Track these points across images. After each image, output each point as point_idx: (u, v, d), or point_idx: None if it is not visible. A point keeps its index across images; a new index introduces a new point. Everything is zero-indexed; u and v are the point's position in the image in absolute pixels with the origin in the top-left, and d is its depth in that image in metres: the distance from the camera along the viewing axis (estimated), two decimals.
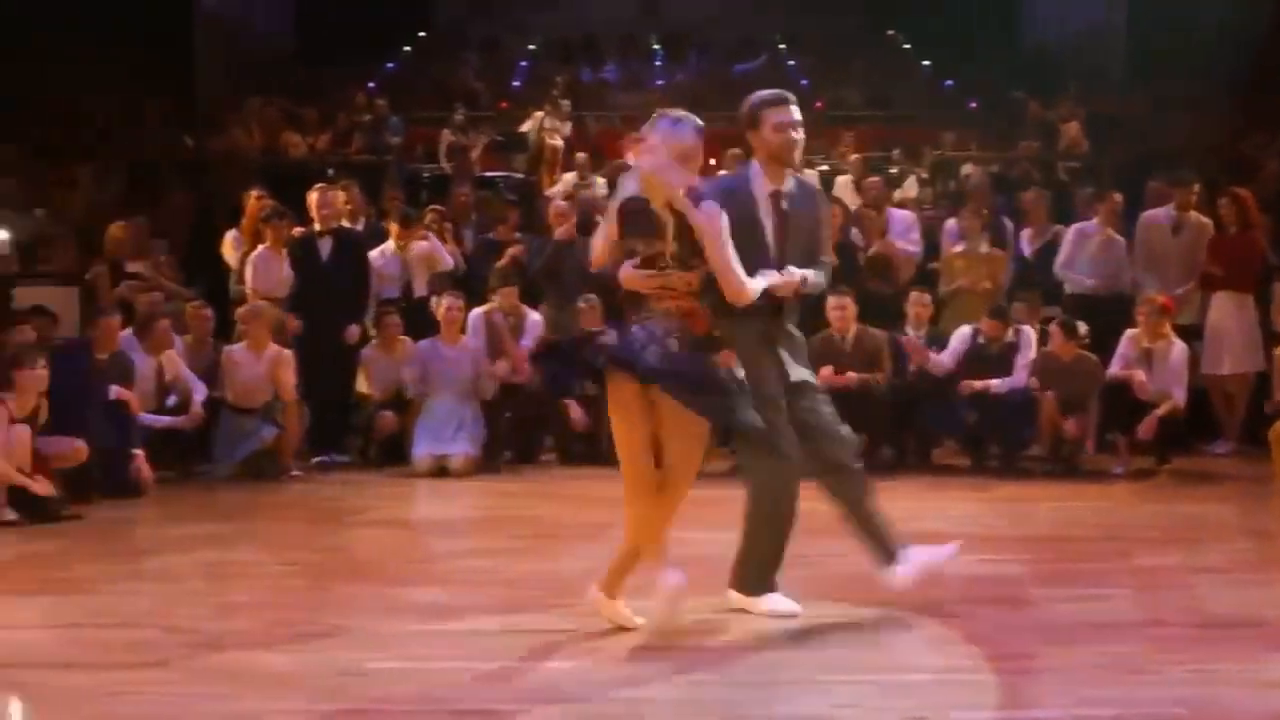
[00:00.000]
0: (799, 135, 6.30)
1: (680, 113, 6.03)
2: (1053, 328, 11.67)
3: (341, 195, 12.79)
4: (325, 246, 12.26)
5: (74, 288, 12.39)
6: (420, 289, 12.82)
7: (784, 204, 6.30)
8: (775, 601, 6.36)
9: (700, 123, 5.95)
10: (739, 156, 17.67)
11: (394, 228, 12.99)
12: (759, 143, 6.32)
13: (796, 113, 6.32)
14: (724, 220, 5.80)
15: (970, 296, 12.52)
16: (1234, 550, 8.12)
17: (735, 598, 6.45)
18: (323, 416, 11.94)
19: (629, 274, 5.97)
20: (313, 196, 12.35)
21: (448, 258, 13.08)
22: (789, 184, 6.35)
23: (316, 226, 12.33)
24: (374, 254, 12.77)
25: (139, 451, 10.47)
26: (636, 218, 5.93)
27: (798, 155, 6.37)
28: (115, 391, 10.42)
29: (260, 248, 12.28)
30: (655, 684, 5.38)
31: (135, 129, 18.47)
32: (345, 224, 12.74)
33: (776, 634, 6.05)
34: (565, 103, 19.83)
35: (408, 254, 12.92)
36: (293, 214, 12.65)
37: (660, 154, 5.87)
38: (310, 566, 7.83)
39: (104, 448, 10.20)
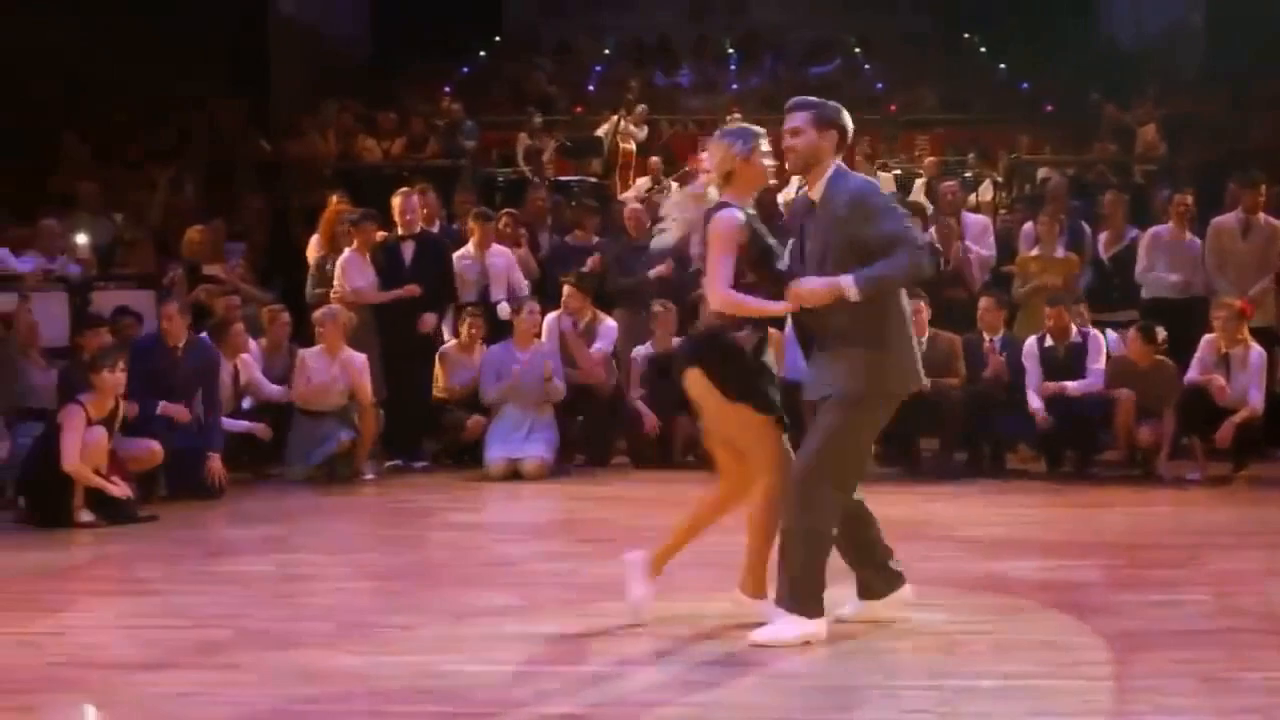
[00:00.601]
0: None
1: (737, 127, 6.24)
2: (1131, 333, 11.59)
3: (421, 199, 12.84)
4: (408, 250, 12.33)
5: (152, 291, 12.49)
6: (497, 294, 12.82)
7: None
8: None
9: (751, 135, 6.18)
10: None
11: (474, 231, 13.01)
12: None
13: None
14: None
15: (1045, 300, 12.40)
16: None
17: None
18: (402, 421, 11.99)
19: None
20: (396, 201, 12.42)
21: (523, 280, 13.06)
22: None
23: (400, 231, 12.39)
24: (455, 256, 12.82)
25: (215, 453, 10.56)
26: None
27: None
28: (162, 407, 10.44)
29: (348, 251, 12.31)
30: (724, 688, 5.39)
31: (212, 133, 18.64)
32: (425, 228, 12.79)
33: (842, 638, 6.04)
34: (641, 107, 19.86)
35: (487, 259, 12.93)
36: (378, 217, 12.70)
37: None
38: (382, 569, 7.89)
39: (181, 449, 10.32)
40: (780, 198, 13.91)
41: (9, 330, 11.16)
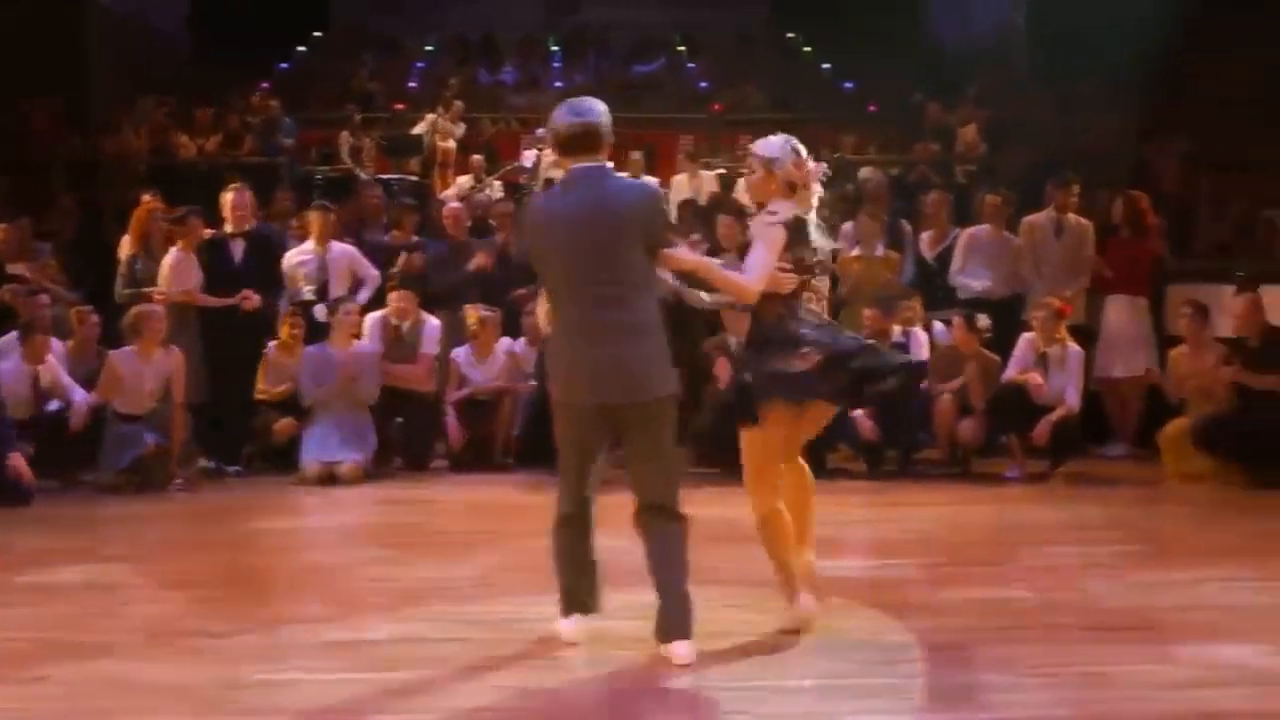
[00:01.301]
0: None
1: None
2: (955, 320, 11.75)
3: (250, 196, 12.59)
4: (238, 248, 12.11)
5: None
6: (337, 291, 12.63)
7: None
8: None
9: None
10: (639, 162, 17.74)
11: (314, 225, 12.82)
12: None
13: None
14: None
15: (866, 300, 12.53)
16: (1126, 552, 8.19)
17: None
18: (225, 423, 11.79)
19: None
20: (228, 197, 12.16)
21: (373, 269, 12.91)
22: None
23: (229, 228, 12.16)
24: (292, 253, 12.65)
25: (15, 453, 10.29)
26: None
27: None
28: None
29: (174, 250, 12.04)
30: (537, 693, 5.37)
31: (23, 129, 18.21)
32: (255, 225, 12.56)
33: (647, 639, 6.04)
34: (458, 103, 19.75)
35: (327, 255, 12.76)
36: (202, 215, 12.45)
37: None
38: (194, 577, 7.74)
39: None
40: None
41: None
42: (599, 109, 6.15)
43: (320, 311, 12.25)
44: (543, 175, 17.27)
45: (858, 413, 11.35)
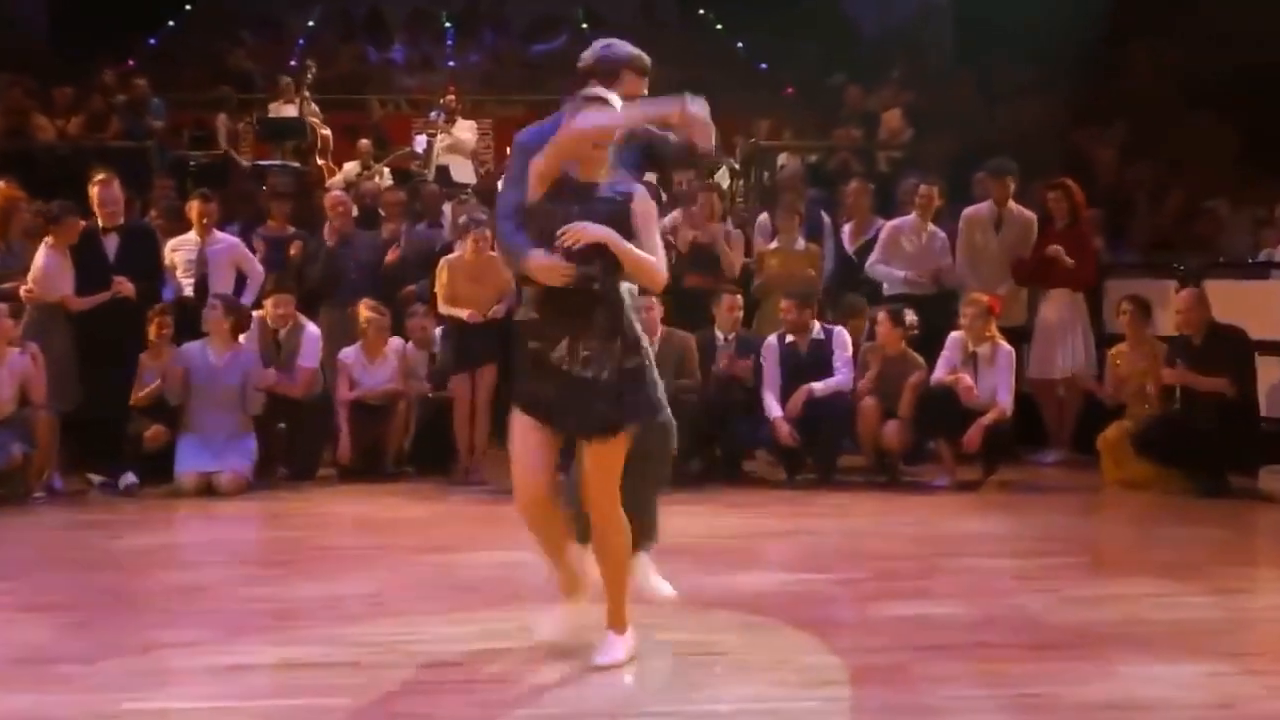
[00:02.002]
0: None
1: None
2: (880, 316, 11.81)
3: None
4: (111, 244, 11.81)
5: None
6: (220, 286, 12.48)
7: None
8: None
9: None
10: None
11: (196, 214, 12.69)
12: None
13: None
14: None
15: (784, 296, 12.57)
16: (1064, 565, 8.27)
17: None
18: (102, 431, 11.58)
19: None
20: (95, 190, 11.83)
21: (257, 265, 12.80)
22: None
23: (101, 222, 11.85)
24: (171, 244, 12.51)
25: None
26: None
27: None
28: None
29: (45, 249, 11.56)
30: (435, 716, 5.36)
31: None
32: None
33: (565, 660, 6.03)
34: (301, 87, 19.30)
35: (208, 248, 12.64)
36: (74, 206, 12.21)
37: None
38: (58, 598, 7.64)
39: None
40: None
41: None
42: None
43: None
44: (435, 162, 17.24)
45: (775, 416, 11.40)
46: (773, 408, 11.52)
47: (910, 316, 11.82)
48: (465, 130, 18.08)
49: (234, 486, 11.16)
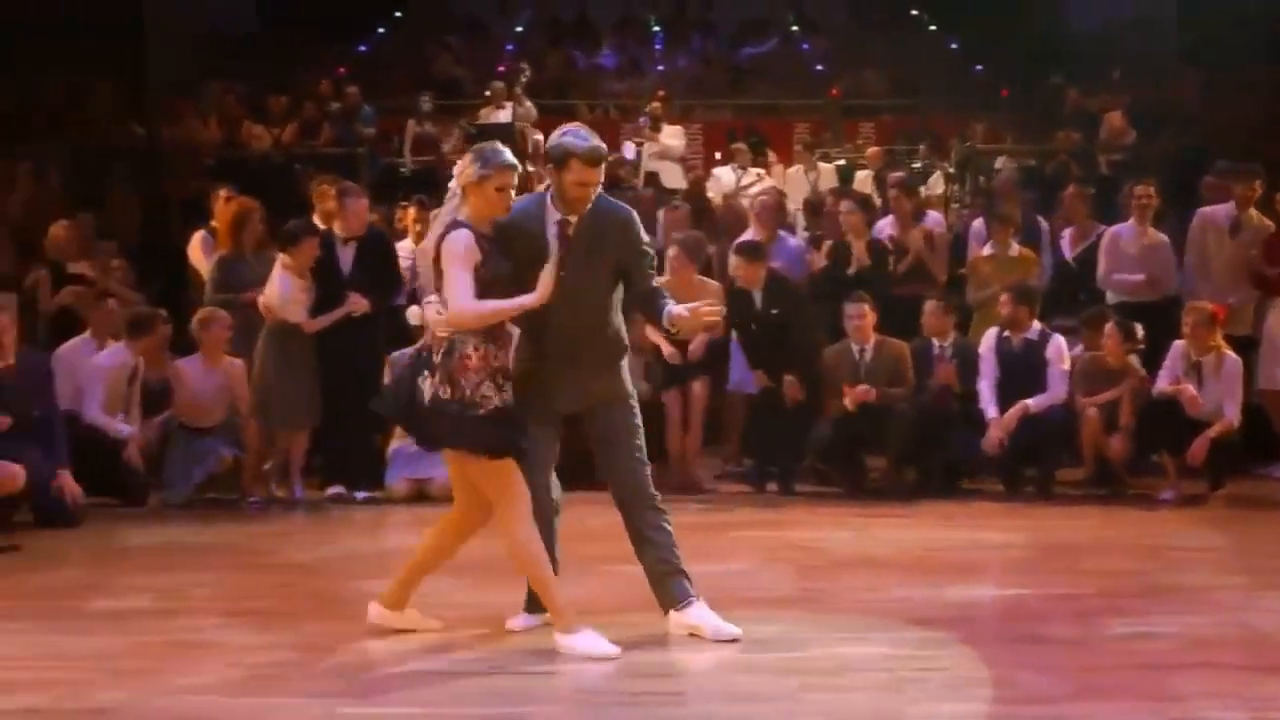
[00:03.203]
0: (594, 193, 6.65)
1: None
2: (1108, 328, 11.59)
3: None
4: (347, 255, 11.70)
5: (11, 293, 12.35)
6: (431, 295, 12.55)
7: (571, 231, 6.66)
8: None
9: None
10: (745, 153, 17.77)
11: (413, 221, 12.86)
12: (557, 184, 6.65)
13: (601, 173, 6.65)
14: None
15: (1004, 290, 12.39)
16: None
17: None
18: (343, 443, 11.70)
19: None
20: (343, 202, 11.81)
21: None
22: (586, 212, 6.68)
23: (339, 233, 11.79)
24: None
25: (63, 470, 10.36)
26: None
27: (587, 207, 6.68)
28: None
29: (280, 268, 11.42)
30: None
31: (79, 117, 18.47)
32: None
33: (782, 672, 6.04)
34: (519, 87, 19.52)
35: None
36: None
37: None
38: (268, 605, 7.78)
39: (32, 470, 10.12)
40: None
41: None
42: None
43: (414, 314, 11.97)
44: (644, 168, 17.34)
45: (992, 416, 11.30)
46: (989, 405, 11.43)
47: (1139, 330, 11.57)
48: (673, 136, 18.18)
49: (446, 493, 11.23)
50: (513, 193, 6.54)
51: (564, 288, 6.49)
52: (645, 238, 6.85)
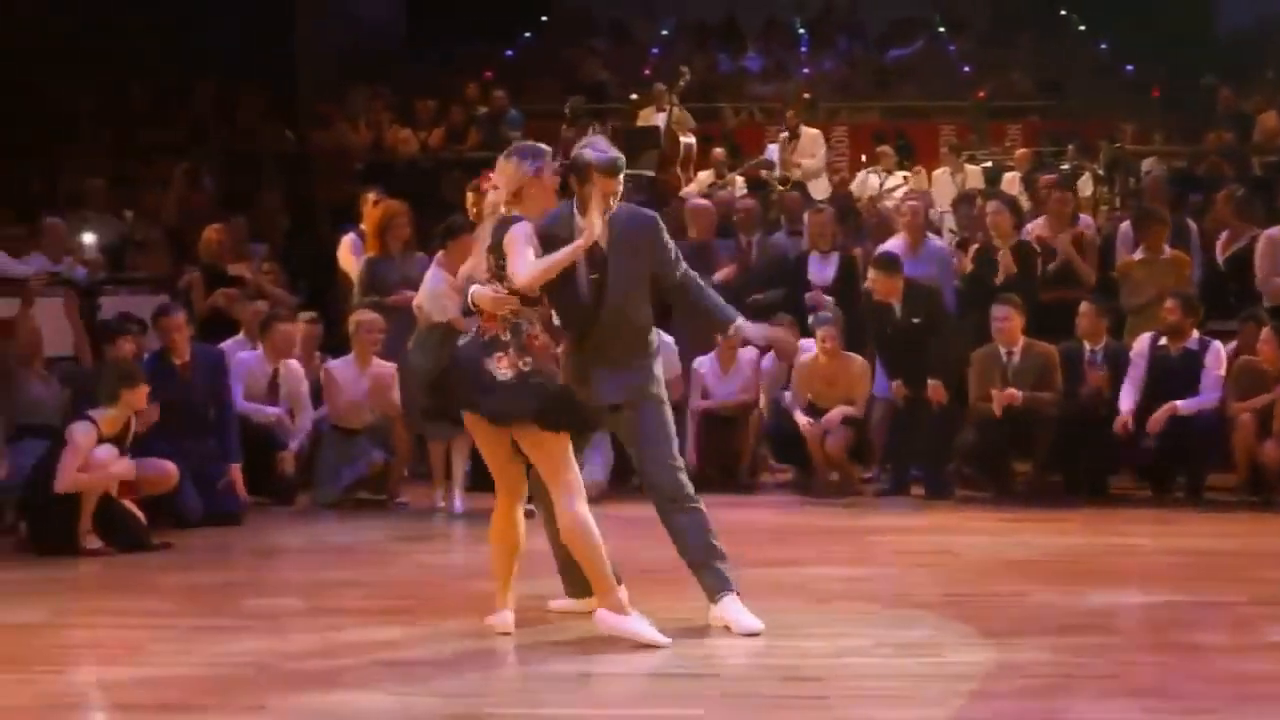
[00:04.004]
0: (615, 202, 7.03)
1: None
2: (1265, 332, 11.36)
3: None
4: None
5: (165, 295, 12.54)
6: None
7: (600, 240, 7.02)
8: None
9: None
10: (890, 156, 17.71)
11: None
12: (582, 196, 7.00)
13: (620, 182, 7.03)
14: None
15: (1156, 307, 12.24)
16: None
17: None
18: None
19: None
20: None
21: None
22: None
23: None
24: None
25: (235, 465, 10.63)
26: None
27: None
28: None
29: (435, 266, 11.11)
30: None
31: (231, 123, 18.75)
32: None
33: (933, 678, 6.03)
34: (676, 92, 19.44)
35: None
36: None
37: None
38: (415, 604, 7.83)
39: (197, 468, 10.35)
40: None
41: (9, 339, 11.12)
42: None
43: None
44: (792, 173, 17.26)
45: (1125, 409, 11.18)
46: (1124, 401, 11.30)
47: None
48: (809, 152, 17.88)
49: (592, 493, 11.23)
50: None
51: (600, 289, 7.00)
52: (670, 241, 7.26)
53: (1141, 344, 11.50)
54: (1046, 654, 6.43)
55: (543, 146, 6.96)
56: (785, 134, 17.90)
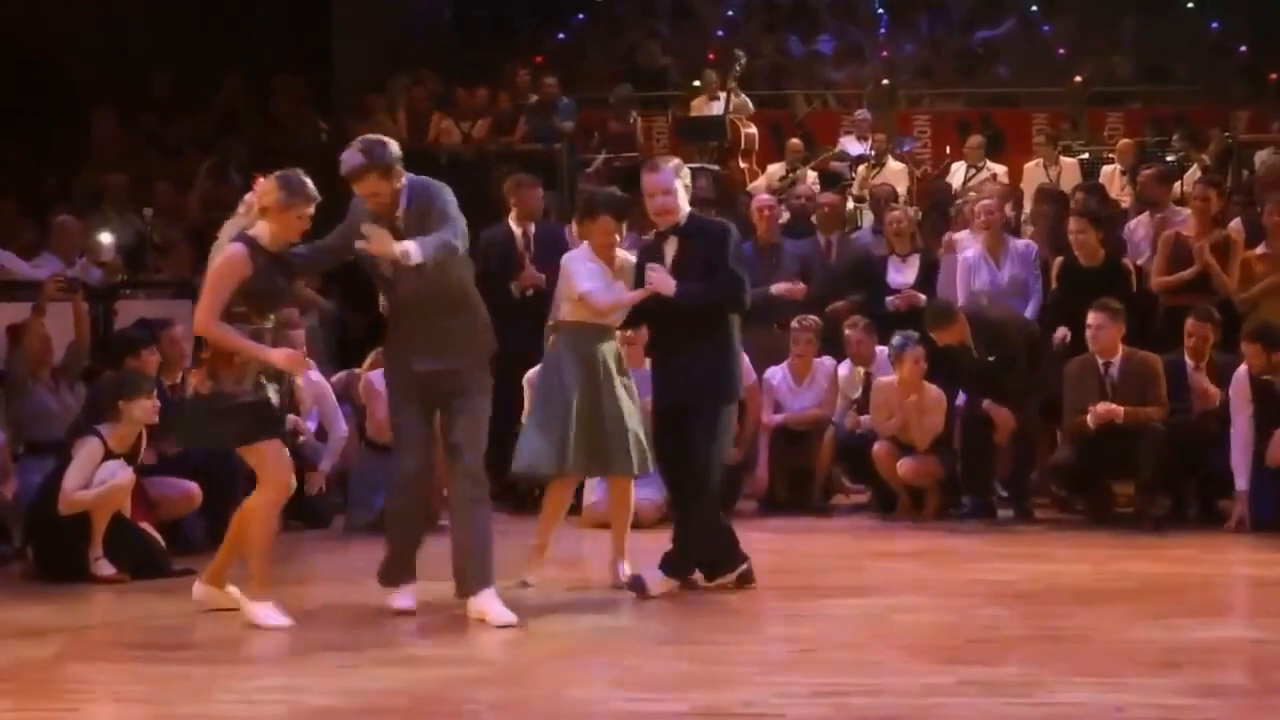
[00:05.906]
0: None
1: None
2: None
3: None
4: (670, 249, 9.92)
5: (188, 300, 12.59)
6: None
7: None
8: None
9: None
10: (979, 149, 17.62)
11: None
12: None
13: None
14: None
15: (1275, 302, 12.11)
16: None
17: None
18: None
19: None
20: (651, 178, 11.31)
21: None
22: None
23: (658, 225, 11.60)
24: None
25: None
26: None
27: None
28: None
29: (584, 250, 11.39)
30: None
31: (261, 113, 18.82)
32: None
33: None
34: (733, 78, 19.33)
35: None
36: None
37: None
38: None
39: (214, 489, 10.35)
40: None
41: (18, 347, 11.03)
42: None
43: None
44: (871, 171, 17.17)
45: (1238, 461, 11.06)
46: (1237, 450, 11.10)
47: None
48: (895, 179, 17.65)
49: (650, 516, 11.18)
50: None
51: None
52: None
53: (1240, 374, 11.24)
54: (1147, 695, 6.38)
55: (310, 191, 8.49)
56: (871, 154, 17.76)
